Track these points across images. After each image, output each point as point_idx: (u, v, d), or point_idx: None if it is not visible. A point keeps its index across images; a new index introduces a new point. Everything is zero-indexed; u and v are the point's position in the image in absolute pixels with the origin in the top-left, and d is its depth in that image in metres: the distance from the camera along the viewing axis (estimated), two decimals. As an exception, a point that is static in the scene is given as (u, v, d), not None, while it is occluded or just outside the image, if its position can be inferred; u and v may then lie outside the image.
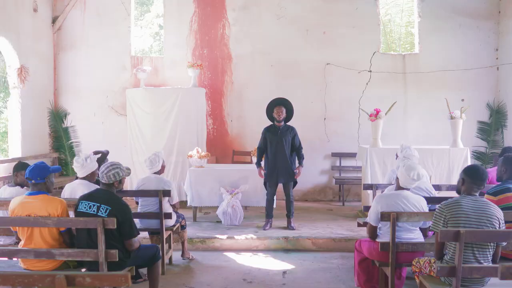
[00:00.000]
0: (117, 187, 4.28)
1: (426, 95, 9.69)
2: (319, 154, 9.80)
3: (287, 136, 7.11)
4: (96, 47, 9.92)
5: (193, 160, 7.76)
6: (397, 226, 4.33)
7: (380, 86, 9.72)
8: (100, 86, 9.91)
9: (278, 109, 7.11)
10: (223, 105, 9.96)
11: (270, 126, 7.26)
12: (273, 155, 7.08)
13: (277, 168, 7.07)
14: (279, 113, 7.10)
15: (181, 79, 9.60)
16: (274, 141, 7.10)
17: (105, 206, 4.05)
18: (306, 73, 9.80)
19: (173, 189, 5.79)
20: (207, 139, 9.76)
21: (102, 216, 4.01)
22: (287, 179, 7.13)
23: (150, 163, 5.86)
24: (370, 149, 7.72)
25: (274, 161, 7.07)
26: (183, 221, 6.09)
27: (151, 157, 5.89)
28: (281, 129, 7.14)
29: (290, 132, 7.17)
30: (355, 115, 9.70)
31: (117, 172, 4.23)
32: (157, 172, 5.89)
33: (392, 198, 4.45)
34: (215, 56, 9.95)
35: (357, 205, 9.25)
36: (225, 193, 7.44)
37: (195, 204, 7.70)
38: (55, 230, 4.11)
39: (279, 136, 7.09)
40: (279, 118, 7.10)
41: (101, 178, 4.25)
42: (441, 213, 3.74)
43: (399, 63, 9.82)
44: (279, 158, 7.05)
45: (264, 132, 7.24)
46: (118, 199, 4.20)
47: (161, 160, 5.89)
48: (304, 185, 9.79)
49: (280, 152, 7.06)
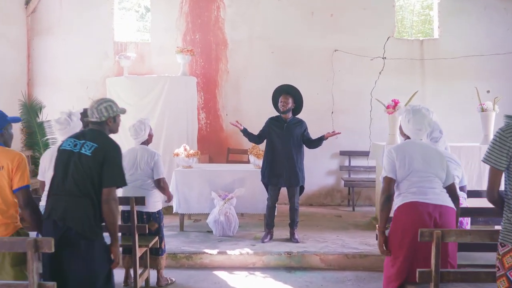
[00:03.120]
0: (111, 127, 3.44)
1: (446, 85, 8.58)
2: (326, 152, 8.68)
3: (295, 131, 6.01)
4: (75, 32, 8.81)
5: (180, 159, 6.65)
6: (411, 177, 3.55)
7: (395, 75, 8.61)
8: (80, 76, 8.82)
9: (283, 98, 6.01)
10: (217, 96, 8.85)
11: (276, 117, 6.15)
12: (277, 153, 5.97)
13: (280, 169, 5.95)
14: (283, 103, 5.99)
15: (170, 67, 8.48)
16: (279, 136, 5.99)
17: (91, 143, 3.26)
18: (311, 61, 8.68)
19: (159, 162, 4.88)
20: (199, 135, 8.68)
21: (86, 153, 3.22)
22: (293, 183, 6.01)
23: (135, 132, 4.95)
24: (387, 146, 6.60)
25: (278, 159, 5.96)
26: (163, 243, 4.98)
27: (136, 124, 4.97)
28: (288, 123, 6.03)
29: (300, 126, 6.06)
30: (367, 108, 8.60)
31: (109, 105, 3.38)
32: (144, 142, 4.96)
33: (408, 145, 3.65)
34: (208, 42, 8.84)
35: (369, 211, 8.15)
36: (217, 198, 6.33)
37: (181, 210, 6.59)
38: (7, 190, 3.22)
39: (285, 130, 5.98)
40: (283, 108, 5.99)
41: (90, 116, 3.37)
42: (503, 142, 2.72)
43: (416, 49, 8.70)
44: (284, 156, 5.94)
45: (269, 122, 6.13)
46: (109, 138, 3.38)
47: (147, 127, 4.97)
48: (308, 188, 8.59)
49: (285, 149, 5.95)
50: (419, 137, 3.67)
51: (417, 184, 3.51)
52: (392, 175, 3.53)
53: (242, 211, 6.64)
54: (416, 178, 3.52)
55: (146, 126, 4.90)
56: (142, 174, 4.81)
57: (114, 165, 3.27)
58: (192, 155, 6.58)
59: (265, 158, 6.08)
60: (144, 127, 4.88)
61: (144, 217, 4.78)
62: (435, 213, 3.47)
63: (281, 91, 6.06)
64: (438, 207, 3.46)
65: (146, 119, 4.98)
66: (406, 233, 3.42)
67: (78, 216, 3.17)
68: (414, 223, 3.38)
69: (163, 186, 4.85)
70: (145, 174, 4.81)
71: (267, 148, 6.09)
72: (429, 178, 3.53)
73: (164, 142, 7.62)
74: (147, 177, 4.82)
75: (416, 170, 3.52)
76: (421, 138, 3.69)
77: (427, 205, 3.47)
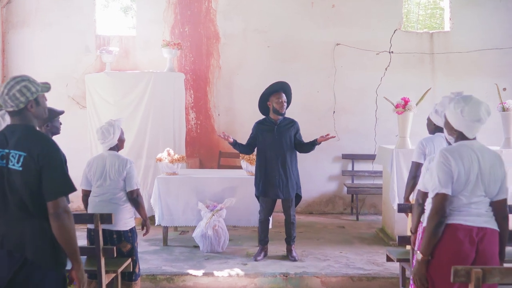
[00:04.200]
0: (35, 112, 2.61)
1: (459, 81, 7.81)
2: (327, 156, 7.95)
3: (288, 134, 5.27)
4: (53, 25, 8.06)
5: (163, 165, 5.91)
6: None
7: (402, 71, 7.87)
8: (59, 72, 8.05)
9: (280, 97, 5.26)
10: (209, 95, 8.11)
11: (264, 120, 5.41)
12: (269, 161, 5.23)
13: (275, 178, 5.21)
14: (281, 102, 5.25)
15: (157, 63, 7.74)
16: (270, 142, 5.25)
17: (17, 151, 2.48)
18: (311, 55, 7.93)
19: (131, 171, 4.10)
20: (188, 137, 7.96)
21: (16, 168, 2.46)
22: (289, 193, 5.28)
23: (102, 135, 4.14)
24: (396, 151, 5.88)
25: (271, 168, 5.22)
26: (137, 267, 4.23)
27: (104, 126, 4.17)
28: (279, 125, 5.30)
29: (292, 127, 5.32)
30: (372, 107, 7.87)
31: (24, 86, 2.55)
32: (113, 147, 4.18)
33: (465, 148, 2.79)
34: (199, 35, 8.09)
35: (374, 220, 7.42)
36: (204, 209, 5.60)
37: (165, 223, 5.85)
38: None
39: (276, 134, 5.25)
40: (282, 109, 5.25)
41: (4, 106, 2.57)
42: None
43: (425, 43, 7.96)
44: (278, 164, 5.21)
45: (256, 128, 5.39)
46: (36, 136, 2.57)
47: (117, 130, 4.16)
48: (308, 194, 7.94)
49: (278, 156, 5.21)
50: (476, 132, 2.83)
51: (467, 200, 2.76)
52: (448, 190, 2.72)
53: (232, 224, 5.89)
54: (468, 194, 2.75)
55: (116, 129, 4.15)
56: (112, 186, 4.07)
57: (54, 171, 2.51)
58: (176, 160, 5.84)
59: (257, 169, 5.35)
60: (113, 130, 4.14)
61: (114, 237, 4.05)
62: (478, 238, 2.74)
63: (276, 89, 5.31)
64: (482, 230, 2.73)
65: (117, 120, 4.23)
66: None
67: (38, 244, 2.49)
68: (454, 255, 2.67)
69: (137, 200, 4.11)
70: (115, 186, 4.07)
71: (258, 157, 5.36)
72: (479, 192, 2.76)
73: (148, 145, 6.89)
74: (118, 189, 4.09)
75: (472, 183, 2.74)
76: (476, 133, 2.85)
77: (470, 229, 2.73)
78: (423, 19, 12.21)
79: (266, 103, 5.31)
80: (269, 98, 5.29)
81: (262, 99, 5.35)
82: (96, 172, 4.11)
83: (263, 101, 5.34)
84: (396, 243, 5.91)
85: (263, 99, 5.34)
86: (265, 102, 5.33)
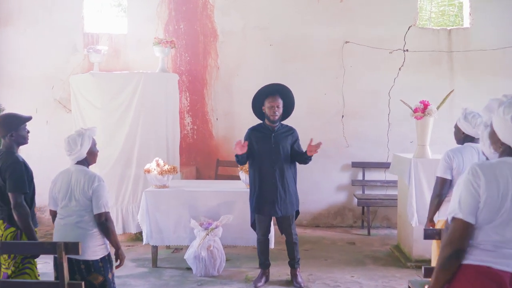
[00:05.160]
0: None
1: (479, 81, 7.14)
2: (335, 164, 7.29)
3: (285, 142, 4.61)
4: (38, 22, 7.44)
5: (152, 177, 5.25)
6: None
7: (418, 71, 7.19)
8: (44, 73, 7.45)
9: (272, 101, 4.59)
10: (206, 97, 7.46)
11: (259, 126, 4.75)
12: (264, 172, 4.57)
13: (272, 194, 4.55)
14: (274, 108, 4.59)
15: (151, 62, 7.09)
16: (266, 151, 4.58)
17: None
18: (317, 54, 7.27)
19: (100, 190, 3.42)
20: (184, 144, 7.33)
21: None
22: (287, 210, 4.60)
23: (68, 146, 3.47)
24: (415, 160, 5.20)
25: (266, 181, 4.56)
26: None
27: (71, 136, 3.49)
28: (277, 132, 4.64)
29: (290, 135, 4.67)
30: (384, 110, 7.20)
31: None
32: (82, 161, 3.50)
33: (505, 170, 2.07)
34: (195, 33, 7.45)
35: (388, 235, 6.76)
36: (197, 227, 4.94)
37: (153, 242, 5.20)
38: None
39: (273, 142, 4.59)
40: (273, 116, 4.59)
41: None
42: None
43: (443, 40, 7.27)
44: (274, 176, 4.54)
45: (250, 135, 4.72)
46: None
47: (86, 141, 3.48)
48: (314, 206, 7.31)
49: (275, 167, 4.55)
50: None
51: (500, 236, 2.08)
52: (472, 218, 2.06)
53: (230, 243, 5.23)
54: (501, 227, 2.05)
55: (86, 140, 3.49)
56: (79, 207, 3.41)
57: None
58: (167, 171, 5.19)
59: (252, 183, 4.69)
60: (82, 141, 3.47)
61: (82, 268, 3.39)
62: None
63: (268, 92, 4.64)
64: None
65: (89, 130, 3.56)
66: None
67: None
68: None
69: (106, 225, 3.43)
70: (82, 207, 3.42)
71: (252, 169, 4.70)
72: None
73: (138, 154, 6.24)
74: (85, 211, 3.42)
75: (508, 212, 2.04)
76: None
77: (500, 276, 2.05)
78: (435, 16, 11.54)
79: (261, 108, 4.65)
80: (263, 102, 4.63)
81: (256, 102, 4.70)
82: (61, 190, 3.46)
83: (258, 105, 4.69)
84: (413, 264, 5.27)
85: (257, 103, 4.69)
86: (260, 107, 4.67)
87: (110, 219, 3.50)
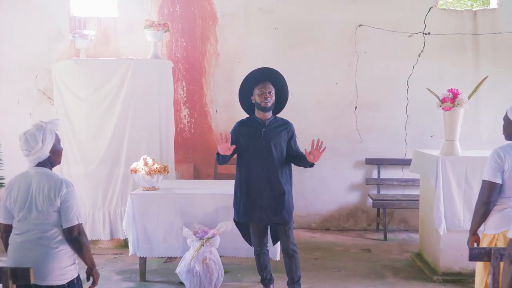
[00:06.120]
0: None
1: (508, 68, 6.44)
2: (347, 160, 6.60)
3: (278, 139, 3.88)
4: (20, 5, 6.77)
5: (140, 178, 4.57)
6: None
7: (439, 57, 6.48)
8: (27, 62, 6.78)
9: (263, 86, 3.87)
10: (204, 87, 6.77)
11: (247, 119, 4.04)
12: (253, 173, 3.86)
13: (263, 198, 3.83)
14: (265, 94, 3.86)
15: (142, 48, 6.42)
16: (255, 148, 3.87)
17: None
18: (328, 39, 6.56)
19: (70, 198, 2.76)
20: (180, 139, 6.68)
21: None
22: (282, 217, 3.87)
23: (25, 144, 2.79)
24: (442, 158, 4.50)
25: (255, 184, 3.85)
26: None
27: (29, 131, 2.81)
28: (268, 126, 3.92)
29: (285, 130, 3.93)
30: (402, 101, 6.51)
31: None
32: (43, 162, 2.83)
33: None
34: (192, 16, 6.75)
35: (406, 240, 6.10)
36: (191, 237, 4.26)
37: (141, 253, 4.53)
38: None
39: (263, 138, 3.87)
40: (265, 102, 3.87)
41: None
42: None
43: (467, 23, 6.53)
44: (265, 178, 3.83)
45: (236, 130, 4.01)
46: None
47: (49, 137, 2.81)
48: (324, 207, 6.64)
49: (266, 167, 3.83)
50: None
51: None
52: None
53: (229, 254, 4.54)
54: None
55: (48, 135, 2.81)
56: (41, 220, 2.74)
57: None
58: (156, 171, 4.50)
59: (237, 184, 4.00)
60: (43, 137, 2.79)
61: (45, 295, 2.73)
62: None
63: (257, 78, 3.93)
64: None
65: (51, 123, 2.88)
66: None
67: None
68: None
69: (78, 240, 2.77)
70: (45, 220, 2.75)
71: (238, 170, 4.00)
72: None
73: (127, 150, 5.57)
74: (49, 225, 2.75)
75: None
76: None
77: None
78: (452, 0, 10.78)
79: (250, 99, 3.95)
80: (252, 91, 3.93)
81: (243, 93, 4.00)
82: (18, 200, 2.78)
83: (245, 96, 3.99)
84: (440, 278, 4.59)
85: (244, 93, 3.99)
86: (248, 98, 3.97)
87: (83, 232, 2.83)
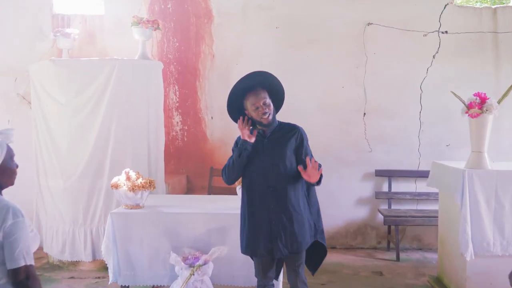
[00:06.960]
0: None
1: (532, 72, 5.92)
2: (355, 171, 6.03)
3: (283, 148, 3.21)
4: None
5: (121, 194, 3.99)
6: None
7: (456, 59, 5.95)
8: (5, 64, 6.25)
9: (255, 99, 3.19)
10: (199, 92, 6.21)
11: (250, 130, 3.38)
12: (259, 194, 3.22)
13: (271, 226, 3.19)
14: (261, 108, 3.19)
15: (131, 49, 5.86)
16: (256, 163, 3.23)
17: None
18: (333, 39, 6.02)
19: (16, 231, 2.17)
20: (171, 148, 6.14)
21: None
22: (293, 246, 3.21)
23: None
24: (469, 172, 3.93)
25: (261, 207, 3.21)
26: None
27: None
28: (271, 137, 3.27)
29: (293, 137, 3.26)
30: (415, 107, 5.96)
31: None
32: None
33: None
34: (185, 14, 6.20)
35: (421, 260, 5.52)
36: (179, 264, 3.67)
37: (122, 281, 3.93)
38: None
39: (266, 149, 3.23)
40: (265, 118, 3.18)
41: None
42: None
43: (486, 21, 5.99)
44: (271, 198, 3.18)
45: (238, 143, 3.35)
46: None
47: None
48: (330, 223, 6.02)
49: (271, 185, 3.17)
50: None
51: None
52: None
53: (224, 283, 3.95)
54: None
55: (-6, 149, 2.23)
56: None
57: None
58: (140, 187, 3.92)
59: (241, 210, 3.36)
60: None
61: None
62: None
63: (245, 88, 3.24)
64: None
65: (1, 133, 2.30)
66: None
67: None
68: None
69: (26, 285, 2.17)
70: None
71: (243, 192, 3.34)
72: None
73: (111, 161, 4.99)
74: (-9, 265, 2.17)
75: None
76: None
77: None
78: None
79: (243, 113, 3.30)
80: (243, 103, 3.29)
81: (233, 106, 3.31)
82: (-47, 231, 2.20)
83: (236, 110, 3.31)
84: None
85: (235, 106, 3.30)
86: (240, 112, 3.31)
87: (34, 276, 2.23)
